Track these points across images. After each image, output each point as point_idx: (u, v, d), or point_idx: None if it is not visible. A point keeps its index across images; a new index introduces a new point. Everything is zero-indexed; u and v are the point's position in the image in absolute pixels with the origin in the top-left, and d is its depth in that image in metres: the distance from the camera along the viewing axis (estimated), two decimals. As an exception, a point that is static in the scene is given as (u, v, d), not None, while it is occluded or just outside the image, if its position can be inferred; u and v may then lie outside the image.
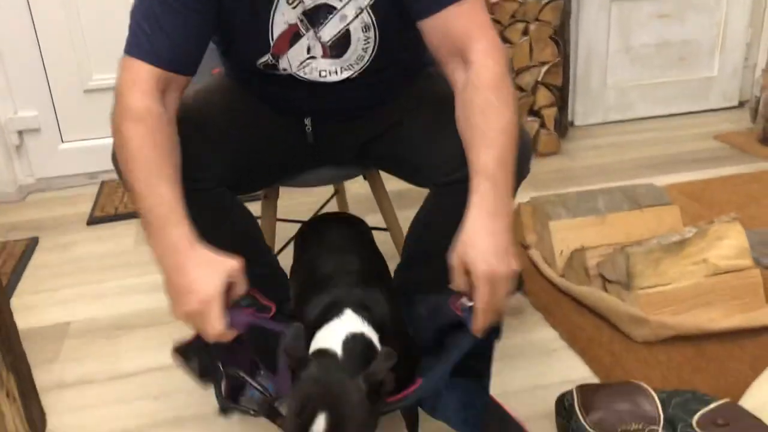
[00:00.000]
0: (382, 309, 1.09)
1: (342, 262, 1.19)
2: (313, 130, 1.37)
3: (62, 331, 1.76)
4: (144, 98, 1.08)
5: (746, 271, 1.60)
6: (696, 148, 2.79)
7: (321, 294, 1.11)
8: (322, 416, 0.87)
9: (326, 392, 0.89)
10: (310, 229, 1.41)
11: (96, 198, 2.56)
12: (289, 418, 0.91)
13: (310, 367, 0.92)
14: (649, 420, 1.15)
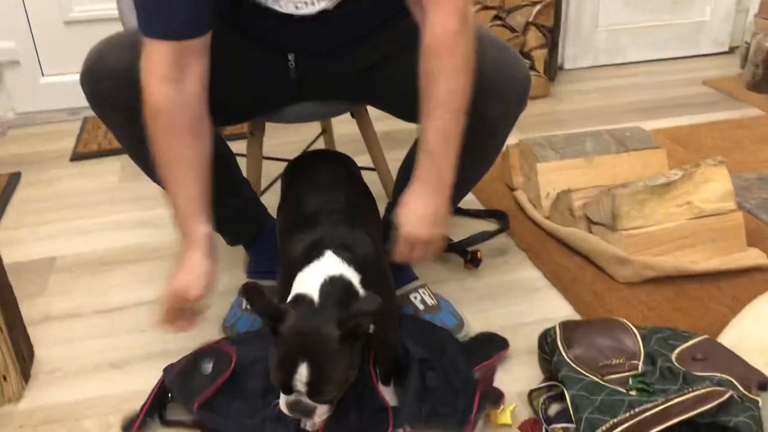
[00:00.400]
0: (366, 249, 1.09)
1: (328, 200, 1.18)
2: (296, 67, 1.34)
3: (48, 265, 1.76)
4: (160, 85, 1.10)
5: (729, 214, 1.62)
6: (684, 94, 2.79)
7: (304, 232, 1.11)
8: (303, 365, 0.90)
9: (304, 341, 0.92)
10: (297, 165, 1.39)
11: (79, 134, 2.53)
12: (273, 371, 0.94)
13: (288, 318, 0.93)
14: (630, 355, 1.18)
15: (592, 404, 1.07)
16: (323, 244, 1.04)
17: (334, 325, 0.92)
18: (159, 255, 1.78)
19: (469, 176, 1.40)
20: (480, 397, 1.18)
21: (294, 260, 1.07)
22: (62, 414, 1.28)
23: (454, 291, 1.57)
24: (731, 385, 1.05)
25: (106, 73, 1.19)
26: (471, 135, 1.25)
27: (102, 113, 1.25)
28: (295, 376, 0.91)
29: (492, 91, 1.21)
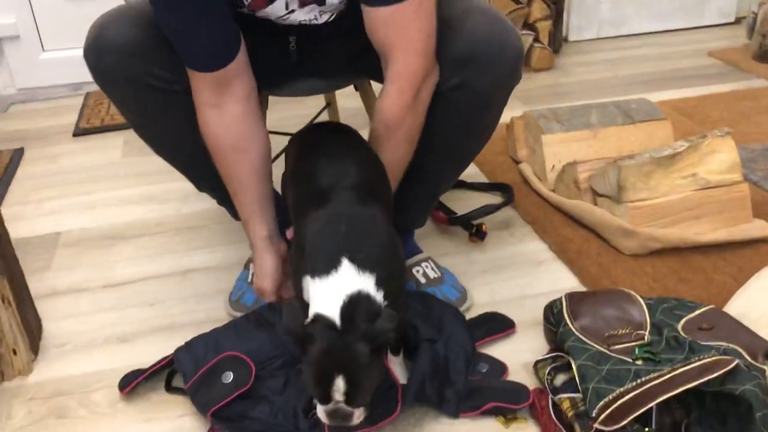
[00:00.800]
0: (380, 236, 1.08)
1: (340, 174, 1.15)
2: (297, 48, 1.33)
3: (53, 241, 1.76)
4: (205, 111, 1.21)
5: (735, 186, 1.61)
6: (690, 65, 2.76)
7: (318, 210, 1.09)
8: (339, 379, 0.95)
9: (336, 359, 0.96)
10: (305, 136, 1.36)
11: (81, 109, 2.52)
12: (310, 387, 1.00)
13: (315, 342, 0.97)
14: (636, 325, 1.18)
15: (598, 374, 1.08)
16: (339, 248, 1.03)
17: (362, 343, 0.97)
18: (163, 229, 1.78)
19: (466, 151, 1.39)
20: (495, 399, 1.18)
21: (310, 249, 1.06)
22: (72, 386, 1.29)
23: (459, 264, 1.58)
24: (738, 354, 1.05)
25: (110, 47, 1.18)
26: (463, 108, 1.24)
27: (106, 87, 1.24)
28: (332, 389, 0.96)
29: (483, 63, 1.19)
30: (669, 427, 1.06)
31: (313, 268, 1.03)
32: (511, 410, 1.16)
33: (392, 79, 1.17)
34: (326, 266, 1.02)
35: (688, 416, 1.07)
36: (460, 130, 1.30)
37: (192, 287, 1.55)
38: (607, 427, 1.00)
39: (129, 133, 2.31)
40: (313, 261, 1.04)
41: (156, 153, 1.38)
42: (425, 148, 1.29)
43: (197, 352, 1.27)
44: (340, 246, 1.03)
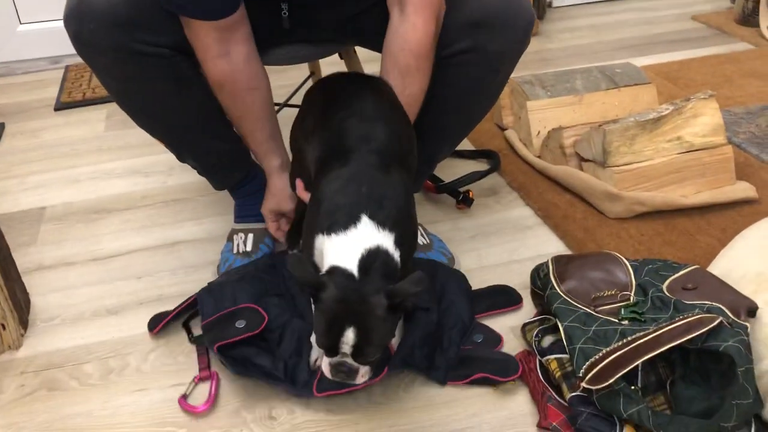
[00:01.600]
0: (399, 197, 1.07)
1: (367, 133, 1.12)
2: (289, 16, 1.31)
3: (38, 215, 1.75)
4: (214, 62, 1.22)
5: (719, 148, 1.63)
6: (674, 29, 2.76)
7: (341, 168, 1.07)
8: (350, 330, 0.94)
9: (350, 309, 0.95)
10: (334, 87, 1.30)
11: (62, 83, 2.48)
12: (319, 336, 0.98)
13: (329, 289, 0.96)
14: (622, 287, 1.20)
15: (585, 334, 1.09)
16: (359, 206, 1.02)
17: (382, 296, 0.96)
18: (149, 202, 1.77)
19: (471, 115, 1.40)
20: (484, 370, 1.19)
21: (328, 206, 1.05)
22: (63, 359, 1.29)
23: (448, 231, 1.59)
24: (721, 312, 1.07)
25: (91, 14, 1.16)
26: (473, 71, 1.25)
27: (88, 55, 1.22)
28: (341, 340, 0.95)
29: (495, 27, 1.21)
30: (654, 385, 1.09)
31: (330, 225, 1.01)
32: (498, 382, 1.17)
33: (415, 10, 1.16)
34: (345, 222, 1.01)
35: (672, 373, 1.09)
36: (468, 93, 1.31)
37: (180, 259, 1.55)
38: (593, 386, 1.01)
39: (112, 106, 2.28)
40: (331, 218, 1.02)
41: (138, 123, 1.36)
42: (432, 111, 1.29)
43: (218, 296, 1.28)
44: (361, 204, 1.02)
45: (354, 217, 1.01)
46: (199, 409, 1.16)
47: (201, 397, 1.19)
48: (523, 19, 1.24)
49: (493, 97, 1.39)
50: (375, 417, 1.15)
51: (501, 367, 1.18)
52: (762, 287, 1.13)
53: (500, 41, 1.23)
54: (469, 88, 1.30)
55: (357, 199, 1.03)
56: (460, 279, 1.37)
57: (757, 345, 1.06)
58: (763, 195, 1.63)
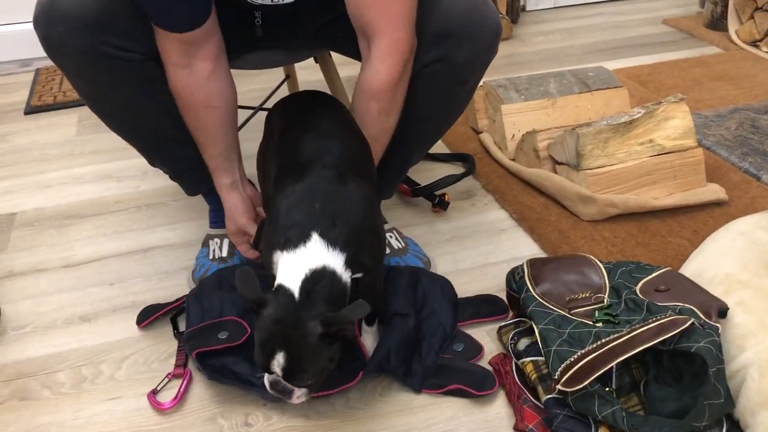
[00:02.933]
0: (357, 213, 1.07)
1: (322, 149, 1.12)
2: (262, 24, 1.30)
3: (8, 221, 1.72)
4: (174, 71, 1.20)
5: (689, 151, 1.65)
6: (645, 33, 2.80)
7: (295, 184, 1.07)
8: (280, 354, 0.94)
9: (283, 332, 0.95)
10: (290, 104, 1.33)
11: (32, 86, 2.44)
12: (255, 351, 0.99)
13: (269, 307, 0.96)
14: (596, 289, 1.21)
15: (560, 337, 1.10)
16: (311, 223, 1.02)
17: (317, 322, 0.95)
18: (121, 207, 1.75)
19: (440, 123, 1.40)
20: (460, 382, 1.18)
21: (283, 222, 1.05)
22: (35, 368, 1.27)
23: (423, 234, 1.59)
24: (693, 314, 1.08)
25: (61, 16, 1.14)
26: (441, 82, 1.25)
27: (58, 58, 1.20)
28: (272, 361, 0.95)
29: (462, 36, 1.21)
30: (628, 386, 1.10)
31: (284, 242, 1.02)
32: (472, 395, 1.17)
33: (380, 56, 1.17)
34: (296, 240, 1.01)
35: (646, 374, 1.11)
36: (437, 103, 1.31)
37: (154, 265, 1.53)
38: (569, 388, 1.02)
39: (83, 110, 2.25)
40: (285, 235, 1.03)
41: (109, 127, 1.34)
42: (402, 121, 1.29)
43: (206, 306, 1.27)
44: (312, 221, 1.02)
45: (305, 235, 1.01)
46: (165, 406, 1.16)
47: (170, 395, 1.18)
48: (489, 28, 1.23)
49: (462, 104, 1.39)
50: (352, 422, 1.14)
51: (477, 380, 1.18)
52: (732, 288, 1.15)
53: (468, 51, 1.23)
54: (439, 97, 1.29)
55: (310, 216, 1.03)
56: (445, 286, 1.36)
57: (727, 345, 1.08)
58: (733, 197, 1.66)
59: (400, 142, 1.34)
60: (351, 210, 1.07)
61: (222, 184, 1.34)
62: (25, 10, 2.49)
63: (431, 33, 1.20)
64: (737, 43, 2.62)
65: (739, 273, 1.17)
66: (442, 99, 1.30)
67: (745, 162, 1.80)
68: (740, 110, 2.06)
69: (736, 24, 2.68)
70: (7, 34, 2.54)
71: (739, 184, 1.72)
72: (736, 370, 1.05)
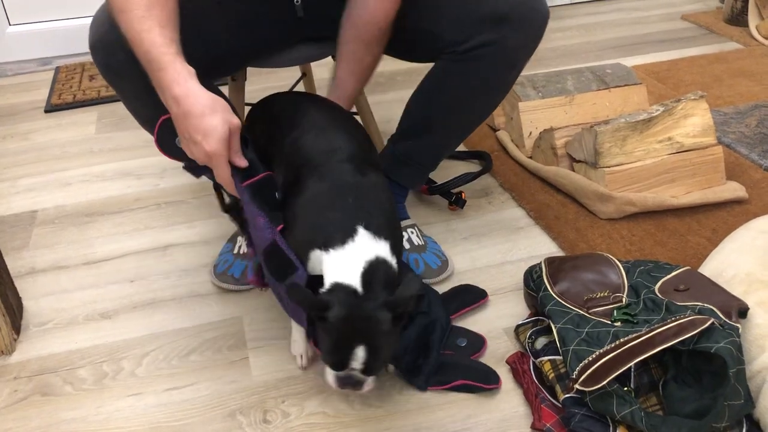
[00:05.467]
0: (386, 202, 1.08)
1: (332, 146, 1.12)
2: (302, 3, 1.32)
3: (29, 219, 1.74)
4: None
5: (709, 149, 1.64)
6: (664, 29, 2.78)
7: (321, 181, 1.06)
8: (360, 349, 0.95)
9: (357, 328, 0.95)
10: (272, 109, 1.30)
11: (52, 85, 2.46)
12: (327, 354, 0.99)
13: (335, 308, 0.95)
14: (614, 288, 1.21)
15: (578, 336, 1.10)
16: (352, 218, 1.01)
17: (385, 310, 0.96)
18: (142, 205, 1.76)
19: (482, 109, 1.42)
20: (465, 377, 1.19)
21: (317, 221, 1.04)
22: (56, 364, 1.29)
23: (440, 232, 1.59)
24: (712, 313, 1.08)
25: (120, 44, 1.09)
26: (491, 66, 1.27)
27: (117, 85, 1.20)
28: (351, 359, 0.96)
29: (516, 21, 1.23)
30: (647, 386, 1.10)
31: (326, 241, 1.01)
32: (479, 389, 1.18)
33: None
34: (342, 237, 1.01)
35: (665, 374, 1.10)
36: (483, 88, 1.33)
37: (173, 262, 1.55)
38: (587, 388, 1.02)
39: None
40: (325, 233, 1.02)
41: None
42: (444, 105, 1.30)
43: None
44: (353, 216, 1.02)
45: (349, 230, 1.01)
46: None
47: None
48: (540, 14, 1.26)
49: (504, 92, 1.40)
50: (370, 420, 1.15)
51: (481, 375, 1.19)
52: (752, 288, 1.15)
53: (520, 36, 1.25)
54: (485, 82, 1.32)
55: (348, 212, 1.03)
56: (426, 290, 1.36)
57: (747, 346, 1.07)
58: (753, 195, 1.65)
59: (438, 129, 1.35)
60: (381, 199, 1.08)
61: (188, 72, 1.03)
62: (44, 9, 2.52)
63: (484, 16, 1.23)
64: (757, 39, 2.59)
65: (760, 272, 1.17)
66: (488, 83, 1.32)
67: (765, 159, 1.78)
68: (760, 107, 2.04)
69: (756, 19, 2.65)
70: (27, 33, 2.56)
71: (759, 182, 1.70)
72: (757, 371, 1.05)
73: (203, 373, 1.26)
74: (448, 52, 1.28)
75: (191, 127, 1.02)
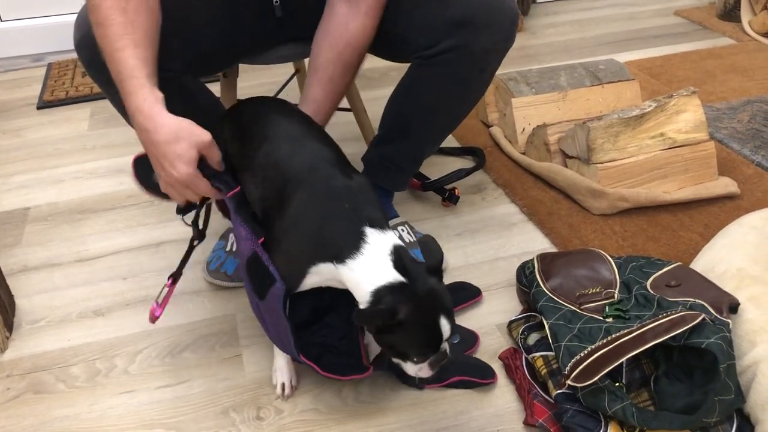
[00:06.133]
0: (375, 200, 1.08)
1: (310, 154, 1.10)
2: (281, 4, 1.31)
3: (22, 216, 1.73)
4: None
5: (701, 144, 1.64)
6: (657, 24, 2.78)
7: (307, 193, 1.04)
8: (443, 321, 0.97)
9: (430, 306, 0.97)
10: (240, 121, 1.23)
11: (44, 81, 2.46)
12: (422, 348, 1.00)
13: (402, 310, 0.95)
14: (606, 284, 1.21)
15: (570, 332, 1.10)
16: (356, 222, 1.01)
17: (434, 278, 0.99)
18: (134, 202, 1.76)
19: (455, 113, 1.42)
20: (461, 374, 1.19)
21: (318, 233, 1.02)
22: (49, 362, 1.29)
23: (433, 228, 1.59)
24: (703, 309, 1.08)
25: None
26: (460, 70, 1.26)
27: (102, 83, 1.19)
28: (441, 333, 0.98)
29: (481, 25, 1.22)
30: (638, 381, 1.10)
31: (338, 253, 1.00)
32: (476, 384, 1.18)
33: (367, 11, 1.20)
34: (354, 244, 0.99)
35: (656, 370, 1.11)
36: (454, 92, 1.32)
37: (166, 259, 1.54)
38: (579, 383, 1.02)
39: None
40: (334, 245, 1.00)
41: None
42: (417, 110, 1.30)
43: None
44: (357, 220, 1.01)
45: (359, 234, 0.99)
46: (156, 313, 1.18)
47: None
48: (507, 17, 1.25)
49: (477, 95, 1.40)
50: (362, 416, 1.15)
51: (477, 370, 1.19)
52: (743, 283, 1.15)
53: (485, 40, 1.24)
54: (454, 86, 1.31)
55: (350, 218, 1.01)
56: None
57: (738, 341, 1.07)
58: (745, 190, 1.65)
59: (415, 133, 1.35)
60: (372, 196, 1.07)
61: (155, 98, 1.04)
62: (37, 5, 2.51)
63: (449, 20, 1.21)
64: (750, 35, 2.59)
65: (751, 268, 1.17)
66: (459, 88, 1.31)
67: (757, 155, 1.79)
68: (753, 102, 2.05)
69: (749, 15, 2.65)
70: (19, 29, 2.55)
71: (751, 178, 1.71)
72: (747, 366, 1.05)
73: (196, 370, 1.26)
74: (416, 57, 1.28)
75: (160, 154, 1.04)
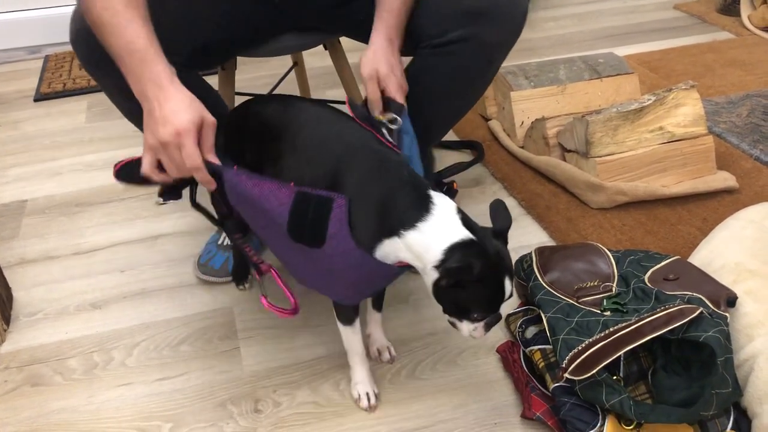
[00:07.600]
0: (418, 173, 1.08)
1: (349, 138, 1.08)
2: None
3: (19, 209, 1.73)
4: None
5: (700, 138, 1.64)
6: (656, 18, 2.77)
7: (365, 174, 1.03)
8: (506, 280, 0.99)
9: (500, 266, 0.98)
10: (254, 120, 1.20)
11: (41, 73, 2.45)
12: (487, 305, 1.01)
13: (476, 265, 0.95)
14: (604, 277, 1.21)
15: (568, 325, 1.10)
16: (418, 187, 1.00)
17: (499, 240, 1.01)
18: (131, 195, 1.76)
19: (464, 103, 1.41)
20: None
21: (393, 208, 1.00)
22: (46, 354, 1.29)
23: (431, 222, 1.59)
24: (701, 303, 1.08)
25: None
26: (467, 61, 1.25)
27: (99, 77, 1.19)
28: (503, 294, 0.99)
29: (493, 17, 1.21)
30: (636, 375, 1.10)
31: (404, 222, 0.98)
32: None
33: None
34: (424, 206, 0.99)
35: (654, 363, 1.11)
36: (460, 82, 1.31)
37: (163, 252, 1.54)
38: (576, 377, 1.02)
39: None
40: (403, 216, 0.99)
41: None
42: (422, 99, 1.29)
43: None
44: (420, 185, 1.01)
45: (425, 197, 0.99)
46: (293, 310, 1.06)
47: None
48: (518, 10, 1.25)
49: (484, 86, 1.40)
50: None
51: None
52: (741, 277, 1.15)
53: (497, 32, 1.24)
54: (461, 77, 1.30)
55: (412, 183, 1.02)
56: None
57: (735, 335, 1.08)
58: (744, 184, 1.65)
59: (419, 123, 1.34)
60: (414, 170, 1.07)
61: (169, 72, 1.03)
62: (31, -4, 2.49)
63: (463, 10, 1.21)
64: (749, 29, 2.59)
65: (748, 262, 1.17)
66: (466, 78, 1.31)
67: (756, 149, 1.79)
68: (752, 96, 2.05)
69: (748, 9, 2.65)
70: (16, 20, 2.54)
71: (749, 172, 1.71)
72: (745, 360, 1.05)
73: (194, 363, 1.26)
74: (423, 46, 1.27)
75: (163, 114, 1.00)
